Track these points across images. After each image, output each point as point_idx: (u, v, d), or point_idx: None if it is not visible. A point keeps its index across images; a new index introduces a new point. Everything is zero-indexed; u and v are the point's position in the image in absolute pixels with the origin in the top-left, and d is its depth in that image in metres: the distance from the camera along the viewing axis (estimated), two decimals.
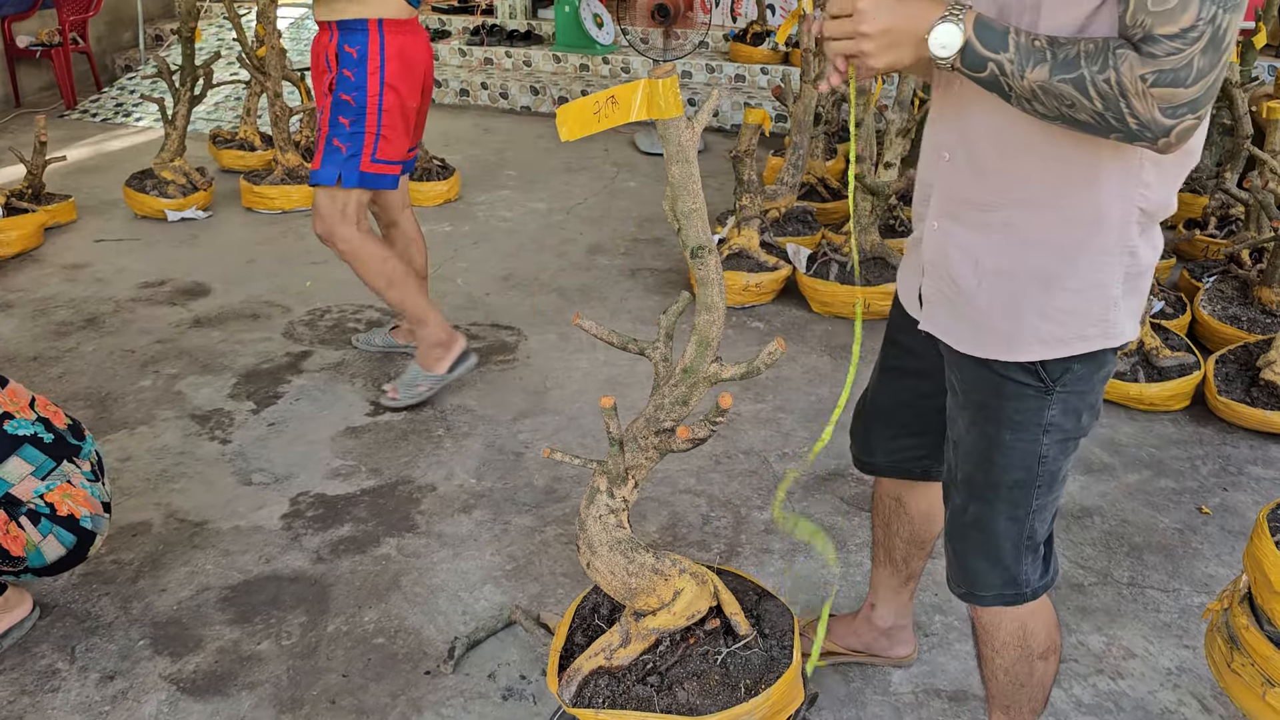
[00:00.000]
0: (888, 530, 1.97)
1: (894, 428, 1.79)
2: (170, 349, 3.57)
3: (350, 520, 2.64)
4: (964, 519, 1.55)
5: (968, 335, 1.45)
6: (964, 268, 1.43)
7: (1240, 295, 3.64)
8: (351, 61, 2.81)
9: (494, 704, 2.07)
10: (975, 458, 1.50)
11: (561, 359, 3.52)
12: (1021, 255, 1.37)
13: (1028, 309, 1.38)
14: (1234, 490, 2.79)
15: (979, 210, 1.40)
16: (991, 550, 1.53)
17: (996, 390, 1.45)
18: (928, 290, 1.52)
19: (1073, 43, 1.19)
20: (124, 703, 2.07)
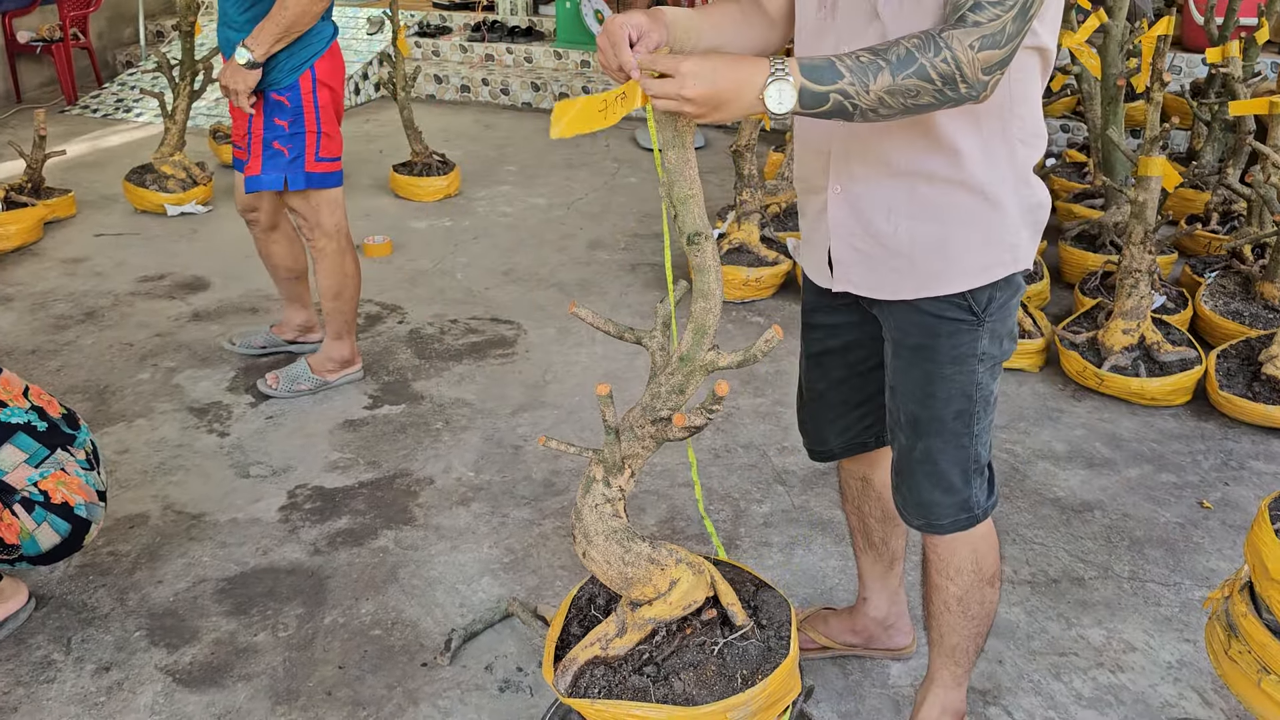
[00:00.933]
0: (861, 514, 2.00)
1: (836, 408, 1.84)
2: (169, 342, 3.56)
3: (348, 513, 2.63)
4: (913, 456, 1.64)
5: (891, 282, 1.55)
6: (877, 218, 1.52)
7: (1242, 290, 3.63)
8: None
9: (491, 696, 2.06)
10: (917, 396, 1.60)
11: (560, 353, 3.52)
12: (933, 197, 1.49)
13: (952, 243, 1.51)
14: (1235, 485, 2.78)
15: (881, 163, 1.49)
16: (943, 480, 1.64)
17: (931, 329, 1.56)
18: (839, 252, 1.59)
19: (895, 44, 1.30)
20: (120, 694, 2.06)
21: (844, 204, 1.56)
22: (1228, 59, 4.07)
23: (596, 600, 1.78)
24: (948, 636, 1.78)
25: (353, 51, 7.40)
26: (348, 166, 5.62)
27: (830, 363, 1.80)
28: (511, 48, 7.47)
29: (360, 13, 7.81)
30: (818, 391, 1.85)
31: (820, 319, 1.77)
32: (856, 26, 1.45)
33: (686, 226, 1.41)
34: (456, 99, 7.32)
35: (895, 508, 1.75)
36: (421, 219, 4.86)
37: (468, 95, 7.30)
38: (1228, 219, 4.24)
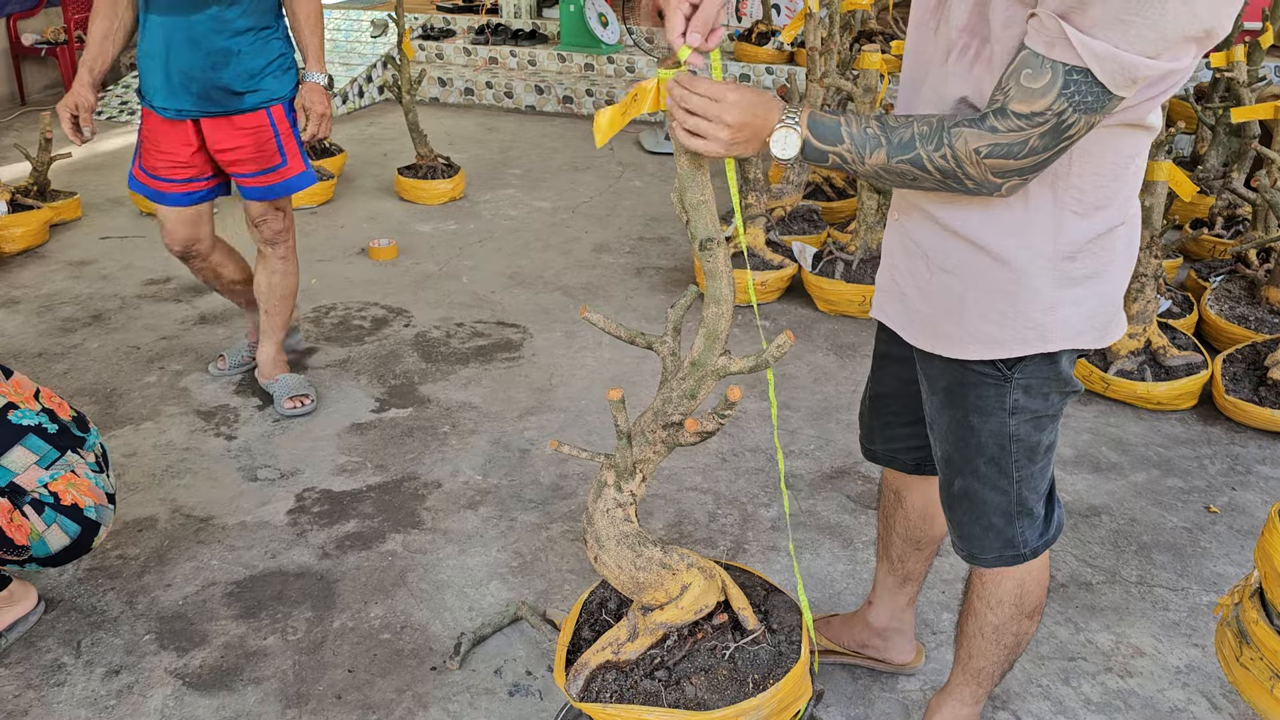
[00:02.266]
0: (888, 524, 1.98)
1: (888, 415, 1.81)
2: (176, 345, 3.57)
3: (356, 516, 2.64)
4: (952, 491, 1.61)
5: (916, 329, 1.53)
6: (917, 263, 1.50)
7: (1247, 295, 3.63)
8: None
9: (500, 700, 2.06)
10: (951, 438, 1.56)
11: (567, 356, 3.52)
12: (963, 256, 1.43)
13: (968, 309, 1.44)
14: (1242, 489, 2.78)
15: (931, 210, 1.45)
16: (983, 518, 1.59)
17: (959, 379, 1.51)
18: (882, 279, 1.59)
19: (906, 124, 1.29)
20: (130, 697, 2.06)
21: (896, 235, 1.55)
22: (1233, 63, 4.08)
23: (607, 604, 1.78)
24: (976, 659, 1.76)
25: (356, 55, 7.41)
26: (352, 168, 5.65)
27: (889, 370, 1.77)
28: (515, 50, 7.48)
29: (364, 16, 7.82)
30: (877, 392, 1.83)
31: (883, 334, 1.76)
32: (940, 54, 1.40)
33: (698, 232, 1.42)
34: (460, 102, 7.33)
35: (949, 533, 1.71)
36: (426, 222, 4.87)
37: (471, 98, 7.31)
38: (1232, 223, 4.25)
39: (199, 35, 2.70)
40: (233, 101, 2.78)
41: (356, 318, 3.81)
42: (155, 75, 2.76)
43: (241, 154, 2.85)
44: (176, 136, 2.82)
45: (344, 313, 3.85)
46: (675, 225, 4.83)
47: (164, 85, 2.75)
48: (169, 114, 2.79)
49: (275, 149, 2.87)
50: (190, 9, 2.68)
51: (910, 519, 1.92)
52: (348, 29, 7.78)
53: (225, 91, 2.76)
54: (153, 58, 2.75)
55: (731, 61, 7.08)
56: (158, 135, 2.83)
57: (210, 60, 2.72)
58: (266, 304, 3.13)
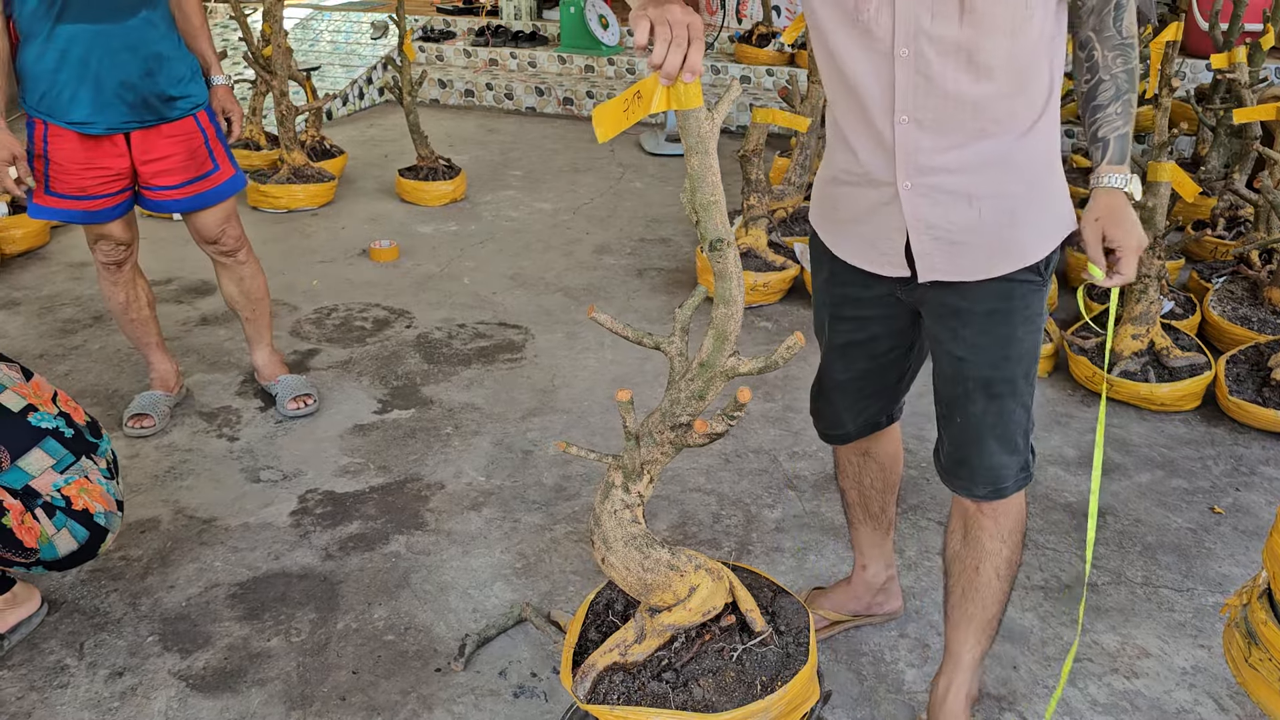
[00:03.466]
0: (861, 487, 2.08)
1: (854, 395, 1.92)
2: (177, 347, 3.56)
3: (359, 518, 2.63)
4: (985, 422, 1.71)
5: (979, 263, 1.63)
6: (959, 206, 1.59)
7: (1250, 296, 3.63)
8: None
9: (505, 701, 2.06)
10: (992, 360, 1.67)
11: (569, 357, 3.51)
12: (1008, 176, 1.59)
13: (1029, 214, 1.61)
14: (1246, 490, 2.78)
15: (955, 154, 1.56)
16: (1010, 442, 1.73)
17: (1007, 295, 1.64)
18: (920, 244, 1.64)
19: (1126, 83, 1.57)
20: (133, 699, 2.06)
21: (918, 197, 1.61)
22: (1234, 65, 4.08)
23: (614, 606, 1.78)
24: (988, 608, 1.84)
25: (357, 56, 7.41)
26: (353, 170, 5.64)
27: (855, 354, 1.86)
28: (515, 52, 7.47)
29: (364, 18, 7.82)
30: (839, 381, 1.91)
31: (850, 312, 1.82)
32: None
33: (708, 233, 1.41)
34: (460, 104, 7.32)
35: (955, 484, 1.80)
36: (427, 223, 4.86)
37: (472, 100, 7.30)
38: (1234, 224, 4.24)
39: (135, 41, 2.61)
40: (166, 109, 2.70)
41: (358, 319, 3.81)
42: (78, 89, 2.58)
43: (172, 163, 2.75)
44: (106, 150, 2.68)
45: (345, 314, 3.84)
46: (676, 226, 4.83)
47: (93, 98, 2.60)
48: (95, 129, 2.63)
49: (207, 155, 2.82)
50: (121, 15, 2.58)
51: (884, 466, 2.05)
52: (348, 31, 7.78)
53: (161, 98, 2.69)
54: (69, 70, 2.57)
55: (732, 63, 7.08)
56: (80, 155, 2.65)
57: (146, 66, 2.64)
58: (245, 310, 3.11)
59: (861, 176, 1.66)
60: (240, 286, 3.06)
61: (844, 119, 1.65)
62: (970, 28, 1.48)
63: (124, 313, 3.02)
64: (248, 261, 3.05)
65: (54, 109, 2.61)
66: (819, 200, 1.81)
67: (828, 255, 1.81)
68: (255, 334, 3.16)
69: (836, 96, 1.65)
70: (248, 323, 3.14)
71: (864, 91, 1.58)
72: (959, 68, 1.51)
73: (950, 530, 1.87)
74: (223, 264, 3.03)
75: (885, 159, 1.61)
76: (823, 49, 1.62)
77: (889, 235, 1.67)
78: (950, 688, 1.90)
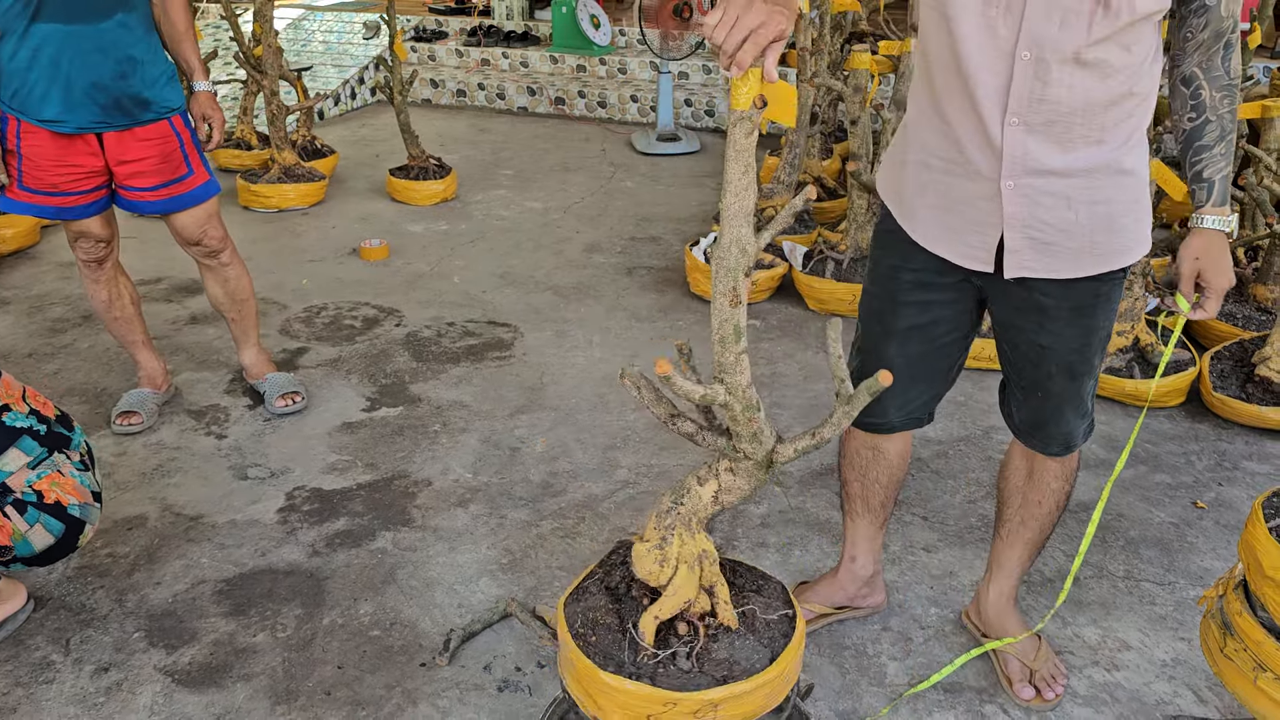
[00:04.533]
0: (865, 480, 2.11)
1: (907, 380, 1.93)
2: (166, 345, 3.56)
3: (346, 514, 2.64)
4: (1064, 398, 1.84)
5: (1073, 263, 1.69)
6: (1058, 208, 1.65)
7: (1235, 293, 3.65)
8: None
9: (489, 695, 2.07)
10: (1075, 348, 1.78)
11: (558, 355, 3.52)
12: (1110, 186, 1.64)
13: (1124, 221, 1.68)
14: (1229, 485, 2.79)
15: (1061, 159, 1.61)
16: (1082, 406, 1.88)
17: (1093, 291, 1.73)
18: (1014, 241, 1.68)
19: (1232, 112, 1.64)
20: (118, 694, 2.06)
21: (1020, 197, 1.65)
22: None
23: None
24: (1044, 530, 2.04)
25: (349, 56, 7.41)
26: (344, 169, 5.65)
27: (914, 338, 1.89)
28: (507, 52, 7.49)
29: (355, 18, 7.82)
30: (892, 365, 1.91)
31: (917, 296, 1.85)
32: None
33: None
34: (452, 103, 7.33)
35: (1029, 442, 1.94)
36: (418, 222, 4.87)
37: (463, 100, 7.31)
38: None
39: (107, 44, 2.60)
40: (140, 112, 2.70)
41: (347, 317, 3.81)
42: (49, 88, 2.58)
43: (145, 166, 2.75)
44: (79, 149, 2.68)
45: (335, 312, 3.85)
46: (667, 225, 4.84)
47: (63, 98, 2.59)
48: (66, 128, 2.63)
49: (181, 159, 2.81)
50: (96, 17, 2.57)
51: (893, 463, 2.10)
52: (340, 31, 7.79)
53: (134, 101, 2.68)
54: (40, 69, 2.57)
55: None
56: (52, 151, 2.66)
57: (119, 69, 2.63)
58: (230, 311, 3.11)
59: (960, 166, 1.68)
60: (225, 288, 3.06)
61: (949, 106, 1.66)
62: (1096, 38, 1.52)
63: (107, 310, 3.02)
64: (231, 263, 3.05)
65: (26, 106, 2.61)
66: (897, 179, 1.82)
67: (899, 237, 1.82)
68: (241, 334, 3.17)
69: (947, 81, 1.65)
70: (233, 323, 3.14)
71: (977, 85, 1.60)
72: (1076, 76, 1.55)
73: (1012, 466, 2.03)
74: (207, 265, 3.03)
75: (991, 155, 1.64)
76: (943, 29, 1.62)
77: (982, 230, 1.70)
78: (1002, 593, 2.12)
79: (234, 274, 3.06)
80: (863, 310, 1.97)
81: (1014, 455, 2.04)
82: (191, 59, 2.89)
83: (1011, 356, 1.88)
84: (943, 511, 2.66)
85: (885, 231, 1.88)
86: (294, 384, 3.17)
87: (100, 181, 2.77)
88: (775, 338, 3.64)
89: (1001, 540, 2.10)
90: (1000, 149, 1.62)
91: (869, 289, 1.94)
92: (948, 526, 2.60)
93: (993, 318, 1.88)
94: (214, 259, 3.00)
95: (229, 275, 3.05)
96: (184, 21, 2.85)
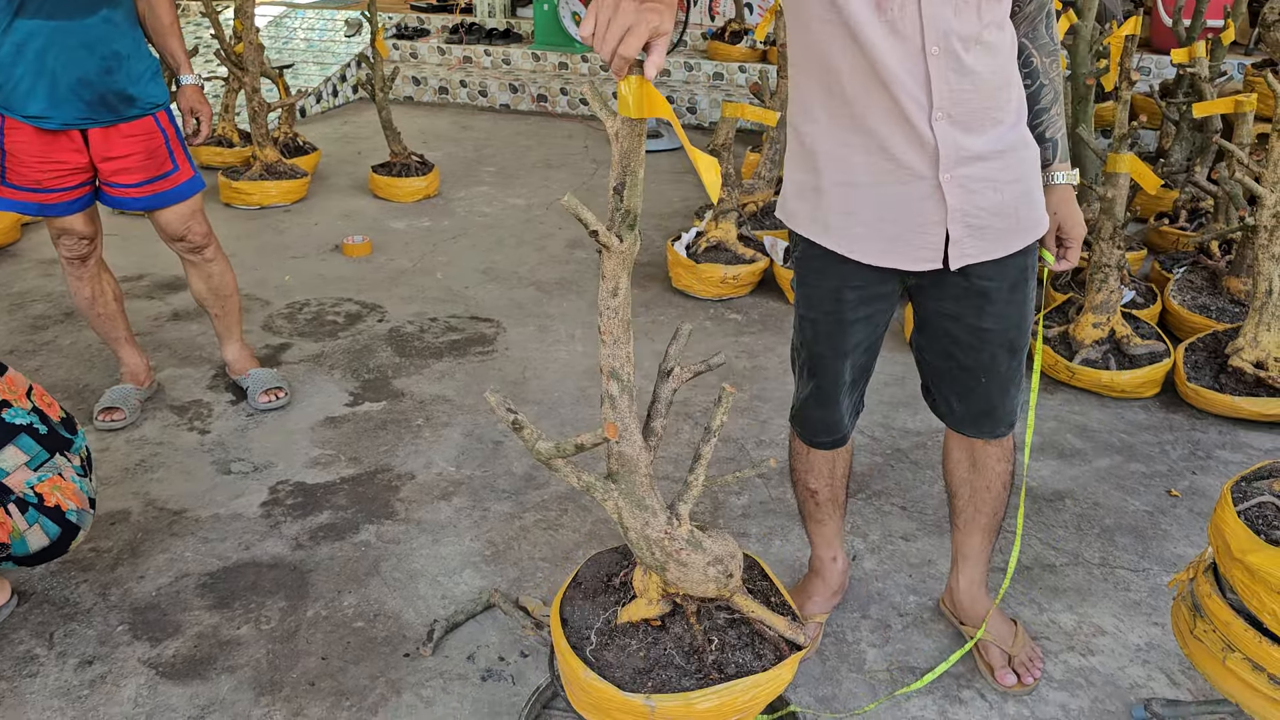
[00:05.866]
0: (833, 480, 2.12)
1: (853, 390, 1.99)
2: (148, 342, 3.56)
3: (329, 508, 2.65)
4: (1008, 376, 1.90)
5: (1004, 242, 1.74)
6: (987, 193, 1.69)
7: (1209, 285, 3.70)
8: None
9: (473, 685, 2.08)
10: (1016, 322, 1.83)
11: (540, 350, 3.54)
12: (1019, 161, 1.72)
13: (1035, 193, 1.76)
14: (1202, 474, 2.83)
15: (981, 143, 1.65)
16: (1017, 381, 1.93)
17: (1022, 263, 1.79)
18: (956, 232, 1.70)
19: (1055, 79, 1.77)
20: (103, 687, 2.07)
21: (957, 188, 1.67)
22: (1195, 60, 4.15)
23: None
24: (996, 512, 2.08)
25: (330, 54, 7.40)
26: (327, 166, 5.65)
27: (861, 348, 1.91)
28: (489, 50, 7.49)
29: (337, 15, 7.81)
30: (845, 383, 1.94)
31: (863, 312, 1.84)
32: None
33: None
34: (434, 101, 7.33)
35: (973, 432, 1.97)
36: (400, 219, 4.88)
37: (445, 97, 7.31)
38: (1196, 216, 4.32)
39: (93, 39, 2.60)
40: (125, 108, 2.70)
41: (330, 313, 3.82)
42: (34, 83, 2.58)
43: (131, 163, 2.75)
44: (63, 145, 2.68)
45: (318, 308, 3.86)
46: (648, 221, 4.86)
47: (48, 94, 2.59)
48: (51, 125, 2.63)
49: (166, 155, 2.81)
50: (82, 12, 2.57)
51: (850, 450, 2.14)
52: (322, 28, 7.77)
53: (120, 97, 2.68)
54: (25, 65, 2.57)
55: (705, 60, 7.12)
56: (36, 148, 2.66)
57: (105, 65, 2.63)
58: (214, 307, 3.12)
59: (892, 174, 1.66)
60: (209, 284, 3.07)
61: (872, 116, 1.63)
62: (984, 20, 1.59)
63: (90, 308, 3.02)
64: (215, 259, 3.05)
65: (10, 102, 2.61)
66: (814, 208, 1.76)
67: (835, 262, 1.78)
68: (225, 330, 3.17)
69: (862, 92, 1.61)
70: (216, 319, 3.15)
71: (898, 88, 1.59)
72: (981, 60, 1.61)
73: (953, 460, 2.06)
74: (191, 261, 3.03)
75: (924, 154, 1.64)
76: (848, 42, 1.58)
77: (926, 229, 1.70)
78: (973, 580, 2.17)
79: (218, 270, 3.06)
80: (805, 336, 1.91)
81: (952, 450, 2.06)
82: (177, 53, 2.88)
83: (947, 349, 1.87)
84: (921, 501, 2.70)
85: (814, 256, 1.81)
86: (277, 379, 3.17)
87: (85, 178, 2.77)
88: (757, 331, 3.67)
89: (960, 531, 2.13)
90: (934, 145, 1.62)
91: (808, 315, 1.88)
92: (926, 516, 2.64)
93: (925, 312, 1.86)
94: (198, 254, 3.00)
95: (213, 271, 3.05)
96: (169, 15, 2.85)
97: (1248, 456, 2.92)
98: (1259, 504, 1.69)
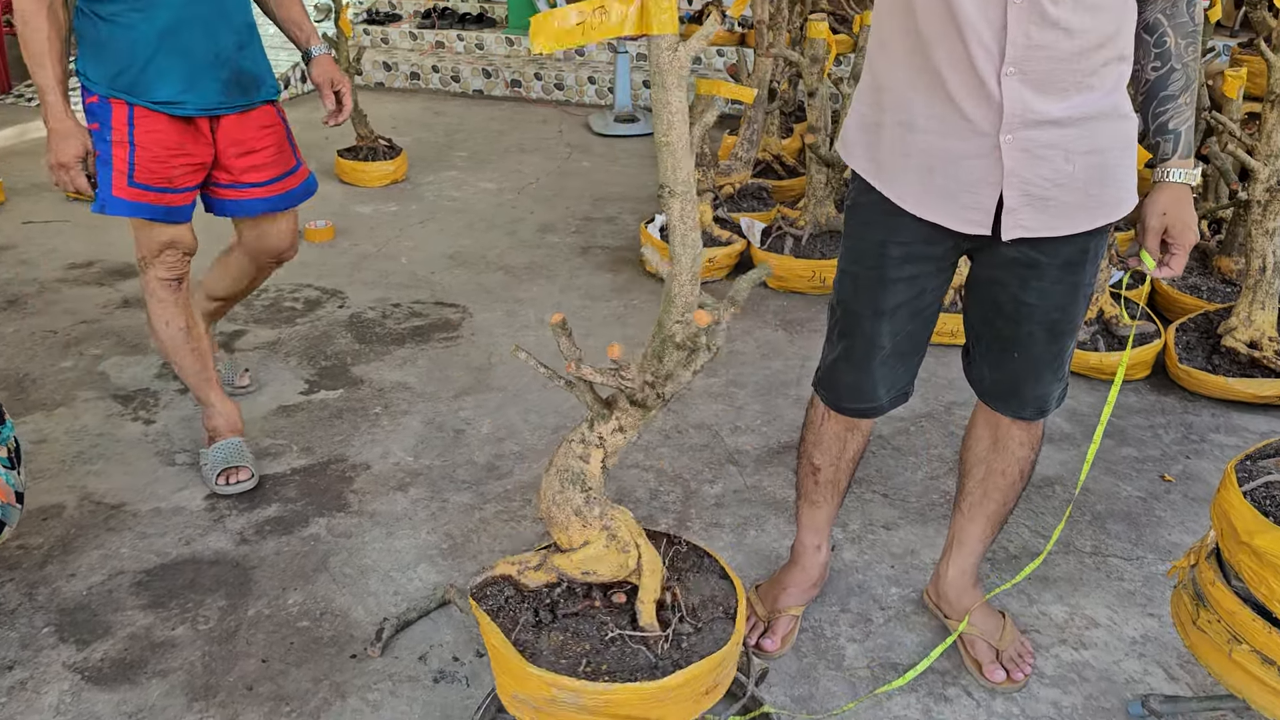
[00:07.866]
0: (839, 463, 1.98)
1: (893, 360, 1.82)
2: (96, 329, 3.40)
3: (278, 500, 2.50)
4: (1043, 359, 1.75)
5: (1070, 218, 1.59)
6: (1055, 161, 1.54)
7: (1200, 265, 3.59)
8: None
9: (424, 687, 1.94)
10: (1061, 305, 1.69)
11: (507, 335, 3.39)
12: (1103, 132, 1.55)
13: (1117, 173, 1.59)
14: (1196, 458, 2.71)
15: (1058, 107, 1.51)
16: (1060, 370, 1.80)
17: (1083, 246, 1.64)
18: (1012, 199, 1.57)
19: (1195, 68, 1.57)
20: (22, 694, 1.91)
21: (1019, 151, 1.54)
22: None
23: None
24: (1006, 504, 1.95)
25: None
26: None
27: (902, 314, 1.76)
28: (462, 34, 7.33)
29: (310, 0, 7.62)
30: (882, 347, 1.79)
31: (907, 271, 1.71)
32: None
33: (660, 177, 1.31)
34: (406, 86, 7.16)
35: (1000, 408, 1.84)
36: (366, 204, 4.72)
37: (417, 82, 7.14)
38: None
39: (229, 7, 2.26)
40: (255, 90, 2.36)
41: (288, 299, 3.66)
42: (167, 62, 2.21)
43: (265, 156, 2.40)
44: (196, 136, 2.31)
45: (275, 294, 3.69)
46: (623, 205, 4.72)
47: (185, 74, 2.22)
48: (187, 110, 2.26)
49: (291, 149, 2.48)
50: None
51: (863, 442, 1.99)
52: None
53: (251, 78, 2.34)
54: (157, 43, 2.19)
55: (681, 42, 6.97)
56: (172, 138, 2.27)
57: (238, 39, 2.29)
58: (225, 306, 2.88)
59: (952, 125, 1.55)
60: (250, 284, 2.76)
61: (941, 60, 1.52)
62: None
63: (185, 340, 2.50)
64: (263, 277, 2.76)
65: (134, 87, 2.21)
66: (872, 144, 1.67)
67: (882, 209, 1.67)
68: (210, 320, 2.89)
69: (936, 33, 1.51)
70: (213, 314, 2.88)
71: (970, 35, 1.47)
72: (1071, 16, 1.46)
73: (975, 435, 1.93)
74: (264, 268, 2.68)
75: (989, 110, 1.51)
76: None
77: (978, 189, 1.57)
78: (963, 571, 2.02)
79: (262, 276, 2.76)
80: (843, 291, 1.79)
81: (978, 423, 1.93)
82: (304, 21, 2.49)
83: (988, 315, 1.76)
84: (904, 489, 2.56)
85: (864, 204, 1.72)
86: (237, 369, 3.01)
87: (203, 178, 2.38)
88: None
89: (962, 515, 1.99)
90: (1000, 102, 1.50)
91: (849, 269, 1.77)
92: (909, 504, 2.50)
93: (976, 272, 1.76)
94: (280, 265, 2.70)
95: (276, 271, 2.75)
96: None
97: (1242, 440, 2.80)
98: (1265, 484, 1.57)
